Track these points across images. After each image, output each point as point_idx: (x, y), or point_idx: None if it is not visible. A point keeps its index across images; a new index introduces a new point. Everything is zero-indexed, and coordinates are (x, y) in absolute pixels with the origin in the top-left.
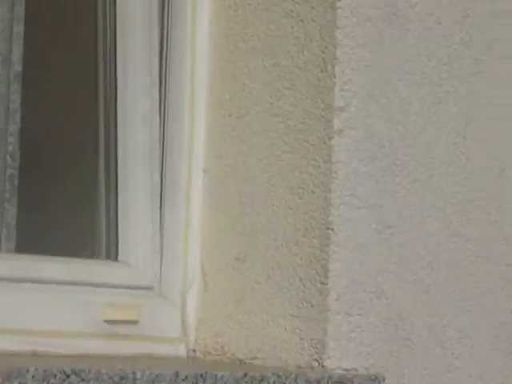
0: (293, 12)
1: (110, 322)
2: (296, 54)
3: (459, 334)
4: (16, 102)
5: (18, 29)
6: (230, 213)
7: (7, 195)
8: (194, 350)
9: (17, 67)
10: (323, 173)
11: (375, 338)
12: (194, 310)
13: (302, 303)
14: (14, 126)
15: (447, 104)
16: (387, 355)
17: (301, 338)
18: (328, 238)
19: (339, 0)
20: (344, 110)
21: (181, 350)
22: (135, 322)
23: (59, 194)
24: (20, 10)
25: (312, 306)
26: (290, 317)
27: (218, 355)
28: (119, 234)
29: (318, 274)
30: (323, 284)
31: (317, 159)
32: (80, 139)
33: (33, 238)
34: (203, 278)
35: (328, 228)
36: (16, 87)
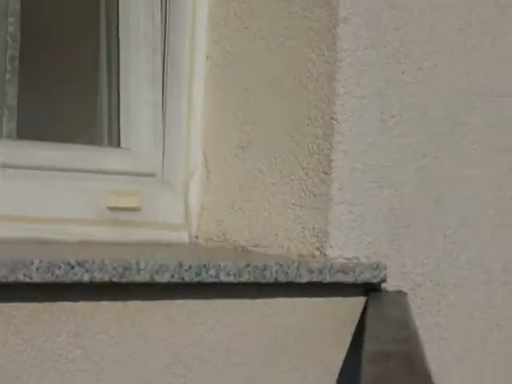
0: None
1: (113, 208)
2: None
3: (461, 222)
4: None
5: None
6: (232, 101)
7: (8, 76)
8: (197, 237)
9: None
10: (327, 61)
11: (377, 227)
12: (197, 197)
13: (305, 192)
14: (15, 6)
15: None
16: (389, 244)
17: (303, 227)
18: (331, 128)
19: None
20: None
21: (183, 236)
22: (138, 209)
23: (60, 79)
24: None
25: (314, 196)
26: (292, 206)
27: (220, 242)
28: (121, 120)
29: (320, 163)
30: (326, 174)
31: (321, 47)
32: (81, 23)
33: (34, 122)
34: (205, 166)
35: (332, 118)
36: None
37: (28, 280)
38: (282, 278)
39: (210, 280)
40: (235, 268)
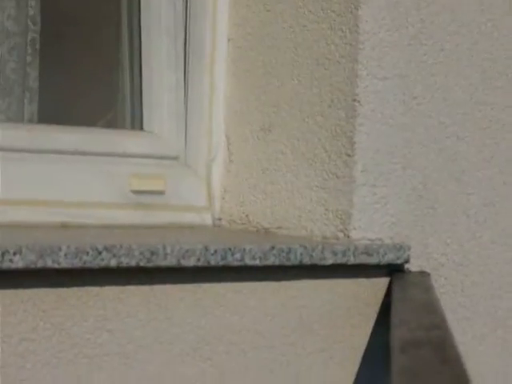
0: None
1: (136, 192)
2: None
3: (483, 202)
4: None
5: None
6: (254, 83)
7: (29, 59)
8: (220, 219)
9: None
10: (349, 43)
11: (400, 208)
12: (219, 179)
13: (328, 175)
14: None
15: None
16: (412, 225)
17: (326, 209)
18: (354, 110)
19: None
20: None
21: (206, 219)
22: (161, 192)
23: (82, 62)
24: None
25: (338, 178)
26: (315, 188)
27: (243, 224)
28: (143, 104)
29: (343, 145)
30: (349, 156)
31: (343, 29)
32: (103, 5)
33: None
34: (228, 148)
35: (354, 100)
36: None
37: (56, 266)
38: (307, 261)
39: (236, 263)
40: (260, 251)
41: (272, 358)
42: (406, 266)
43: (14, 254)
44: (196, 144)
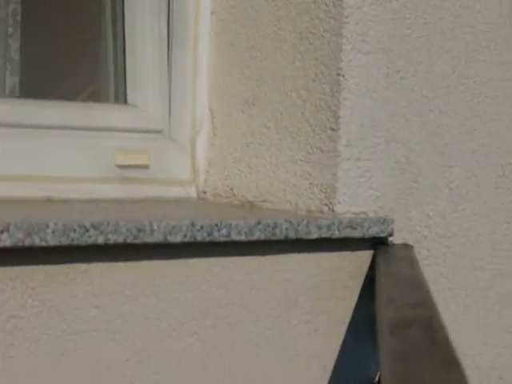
0: None
1: (121, 166)
2: None
3: (465, 174)
4: None
5: None
6: (238, 56)
7: (10, 30)
8: (204, 192)
9: None
10: (333, 17)
11: (384, 182)
12: (204, 153)
13: (312, 149)
14: None
15: None
16: (395, 198)
17: (310, 183)
18: (339, 84)
19: None
20: None
21: (191, 192)
22: (146, 166)
23: (65, 34)
24: None
25: (322, 152)
26: (299, 162)
27: (228, 197)
28: (127, 77)
29: (328, 120)
30: (333, 130)
31: (327, 3)
32: None
33: (37, 77)
34: (212, 122)
35: (338, 74)
36: None
37: (44, 244)
38: (292, 235)
39: (222, 239)
40: (246, 227)
41: (257, 332)
42: (390, 238)
43: (2, 232)
44: (180, 117)
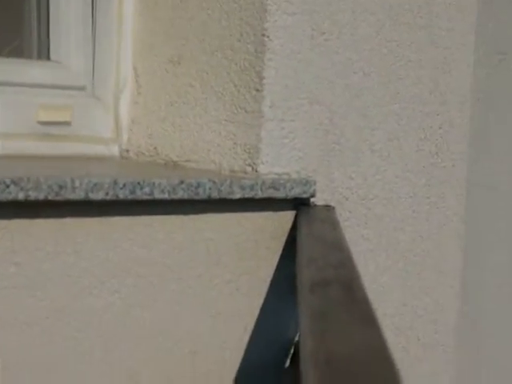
0: None
1: (43, 123)
2: None
3: (388, 137)
4: None
5: None
6: (163, 15)
7: None
8: (127, 151)
9: None
10: None
11: (307, 143)
12: (127, 111)
13: (237, 109)
14: None
15: None
16: (318, 159)
17: (234, 143)
18: (263, 45)
19: None
20: None
21: (114, 150)
22: (68, 123)
23: None
24: None
25: (246, 112)
26: (224, 122)
27: (151, 156)
28: (50, 33)
29: (252, 80)
30: (258, 91)
31: None
32: None
33: None
34: (136, 80)
35: (263, 35)
36: None
37: None
38: (215, 195)
39: (145, 197)
40: (169, 185)
41: (179, 290)
42: (312, 199)
43: None
44: (104, 75)
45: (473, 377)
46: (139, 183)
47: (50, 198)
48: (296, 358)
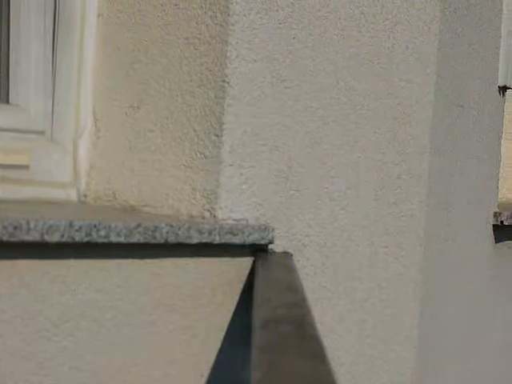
0: None
1: (0, 166)
2: None
3: (346, 185)
4: None
5: None
6: (123, 60)
7: None
8: (85, 196)
9: None
10: (220, 24)
11: (266, 190)
12: (86, 155)
13: (196, 154)
14: None
15: None
16: (277, 206)
17: (193, 189)
18: (223, 91)
19: None
20: None
21: (72, 195)
22: (26, 167)
23: None
24: None
25: (205, 158)
26: (183, 167)
27: (110, 201)
28: (10, 76)
29: (212, 126)
30: (217, 136)
31: (214, 9)
32: None
33: None
34: (95, 124)
35: (223, 81)
36: None
37: None
38: (172, 239)
39: (100, 240)
40: (125, 229)
41: (134, 336)
42: (271, 246)
43: None
44: (63, 119)
45: None
46: (95, 226)
47: (4, 239)
48: None
